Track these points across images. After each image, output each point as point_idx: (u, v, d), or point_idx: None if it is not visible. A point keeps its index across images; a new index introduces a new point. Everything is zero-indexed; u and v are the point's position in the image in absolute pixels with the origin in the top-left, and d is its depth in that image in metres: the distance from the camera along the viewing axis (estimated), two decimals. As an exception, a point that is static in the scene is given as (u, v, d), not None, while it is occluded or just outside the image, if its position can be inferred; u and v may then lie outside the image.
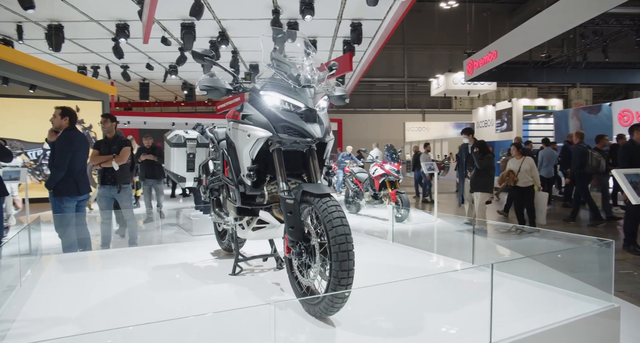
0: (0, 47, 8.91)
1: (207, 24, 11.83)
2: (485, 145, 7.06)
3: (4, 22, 10.99)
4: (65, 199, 4.22)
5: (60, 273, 3.43)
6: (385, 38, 12.86)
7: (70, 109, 4.40)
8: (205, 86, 2.62)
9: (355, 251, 2.16)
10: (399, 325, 2.29)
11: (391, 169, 7.90)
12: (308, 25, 11.82)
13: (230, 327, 1.82)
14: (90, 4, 10.13)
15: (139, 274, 3.26)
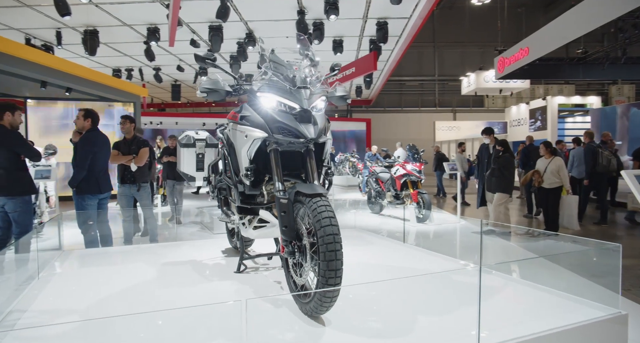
0: (39, 53, 9.37)
1: (235, 26, 12.05)
2: (507, 144, 6.85)
3: (45, 28, 11.57)
4: (87, 197, 4.42)
5: (77, 267, 3.60)
6: (412, 36, 12.72)
7: (93, 111, 4.60)
8: (205, 88, 2.68)
9: (343, 251, 2.17)
10: (388, 325, 2.28)
11: (413, 169, 7.81)
12: (334, 25, 11.84)
13: (206, 321, 1.87)
14: (123, 8, 10.50)
15: (149, 270, 3.38)
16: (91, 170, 4.40)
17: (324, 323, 2.25)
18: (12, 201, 4.11)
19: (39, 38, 12.26)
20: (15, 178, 4.16)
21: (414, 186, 7.82)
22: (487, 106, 24.77)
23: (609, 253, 2.51)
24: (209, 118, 20.74)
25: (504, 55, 14.71)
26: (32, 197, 5.44)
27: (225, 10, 10.06)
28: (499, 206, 6.62)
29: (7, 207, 4.12)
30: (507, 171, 6.66)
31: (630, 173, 2.93)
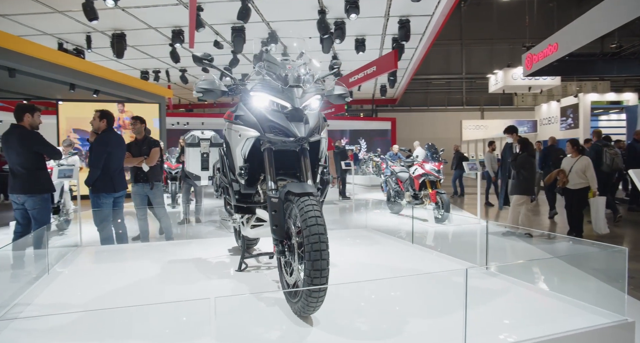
0: (68, 57, 9.73)
1: (257, 27, 12.16)
2: (527, 143, 6.62)
3: (76, 33, 12.01)
4: (102, 196, 4.55)
5: (87, 264, 3.71)
6: (435, 34, 12.52)
7: (108, 112, 4.74)
8: (201, 88, 2.72)
9: (330, 251, 2.15)
10: (374, 327, 2.25)
11: (432, 168, 7.68)
12: (355, 24, 11.79)
13: (180, 318, 1.89)
14: (148, 12, 10.77)
15: (155, 267, 3.45)
16: (106, 170, 4.54)
17: (312, 323, 2.24)
18: (31, 199, 4.29)
19: (71, 42, 12.73)
20: (35, 177, 4.34)
21: (433, 186, 7.70)
22: (516, 104, 24.11)
23: (614, 257, 2.39)
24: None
25: (532, 51, 14.28)
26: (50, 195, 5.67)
27: (246, 11, 10.17)
28: (517, 206, 6.42)
29: (27, 204, 4.29)
30: (526, 172, 6.44)
31: (639, 172, 2.78)
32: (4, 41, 7.35)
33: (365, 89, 20.07)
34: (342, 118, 22.91)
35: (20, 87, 9.61)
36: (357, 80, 11.89)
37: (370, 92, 21.18)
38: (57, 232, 6.65)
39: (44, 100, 11.38)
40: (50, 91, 10.37)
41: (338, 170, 12.04)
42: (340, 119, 22.35)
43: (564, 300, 2.58)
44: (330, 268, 3.23)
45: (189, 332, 2.09)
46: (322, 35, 11.50)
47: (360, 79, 11.87)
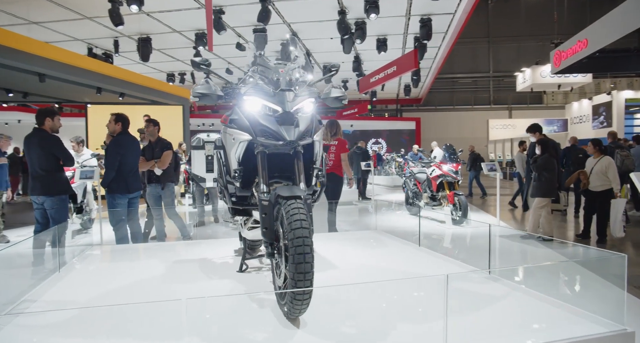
0: (94, 62, 10.08)
1: (278, 28, 12.27)
2: (546, 143, 6.40)
3: (104, 38, 12.43)
4: (117, 196, 4.71)
5: (98, 262, 3.85)
6: (457, 32, 12.32)
7: (123, 116, 4.89)
8: (198, 93, 2.77)
9: (313, 254, 2.16)
10: (362, 330, 2.25)
11: (449, 169, 7.57)
12: (377, 24, 11.73)
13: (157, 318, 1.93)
14: (171, 16, 11.03)
15: (161, 267, 3.54)
16: (120, 171, 4.69)
17: (299, 325, 2.26)
18: (50, 199, 4.47)
19: (100, 47, 13.18)
20: (54, 179, 4.53)
21: (451, 187, 7.58)
22: (546, 103, 23.40)
23: (615, 263, 2.30)
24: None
25: (560, 48, 13.84)
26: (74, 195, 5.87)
27: (266, 13, 10.26)
28: (538, 209, 6.23)
29: (46, 204, 4.48)
30: (547, 173, 6.24)
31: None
32: (34, 48, 7.69)
33: (389, 88, 19.93)
34: (366, 118, 22.82)
35: (50, 91, 10.04)
36: (378, 80, 11.82)
37: (395, 91, 21.01)
38: (82, 231, 6.90)
39: (74, 103, 11.82)
40: (78, 94, 10.78)
41: (358, 171, 12.00)
42: (364, 119, 22.27)
43: (564, 307, 2.51)
44: (328, 270, 3.25)
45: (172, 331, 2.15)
46: (343, 35, 11.50)
47: (380, 79, 11.80)
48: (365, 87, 12.96)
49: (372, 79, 12.24)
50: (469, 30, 21.99)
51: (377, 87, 18.83)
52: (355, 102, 21.26)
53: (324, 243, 4.26)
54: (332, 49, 13.64)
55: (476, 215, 8.63)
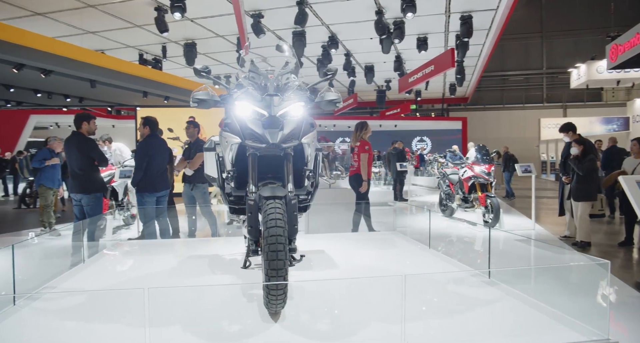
0: (140, 67, 10.70)
1: (317, 30, 12.43)
2: (589, 144, 6.06)
3: (153, 44, 13.16)
4: (145, 195, 5.03)
5: (121, 255, 4.15)
6: (501, 28, 11.90)
7: (151, 119, 5.21)
8: (196, 99, 2.95)
9: (286, 251, 2.25)
10: (336, 326, 2.31)
11: (481, 170, 7.36)
12: (417, 23, 11.61)
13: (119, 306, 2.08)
14: (215, 21, 11.50)
15: (174, 261, 3.78)
16: (148, 172, 5.00)
17: (277, 319, 2.36)
18: (87, 197, 4.86)
19: (150, 53, 13.94)
20: (90, 178, 4.92)
21: (483, 189, 7.37)
22: (605, 100, 21.95)
23: (597, 270, 2.22)
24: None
25: (617, 42, 13.01)
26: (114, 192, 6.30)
27: (303, 16, 10.43)
28: (586, 216, 5.85)
29: (83, 201, 4.88)
30: (594, 175, 5.90)
31: (631, 179, 2.50)
32: (86, 56, 8.31)
33: (434, 88, 19.55)
34: (410, 118, 22.50)
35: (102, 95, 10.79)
36: (416, 79, 11.67)
37: (440, 91, 20.58)
38: (123, 226, 7.37)
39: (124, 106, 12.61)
40: (128, 98, 11.52)
41: (394, 172, 11.91)
42: (408, 118, 21.97)
43: (551, 313, 2.43)
44: (328, 269, 3.33)
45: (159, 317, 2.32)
46: (380, 35, 11.46)
47: (419, 79, 11.64)
48: (405, 87, 12.83)
49: (411, 78, 12.10)
50: (520, 26, 21.10)
51: (422, 86, 18.55)
52: (398, 102, 21.03)
53: (334, 243, 4.34)
54: (372, 49, 13.62)
55: (513, 218, 8.34)
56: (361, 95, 21.43)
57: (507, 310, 2.55)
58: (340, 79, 17.85)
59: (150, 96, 11.30)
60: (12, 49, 6.60)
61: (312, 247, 4.16)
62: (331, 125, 21.17)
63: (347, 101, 17.69)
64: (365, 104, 23.61)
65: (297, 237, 2.60)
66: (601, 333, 2.14)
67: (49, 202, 7.00)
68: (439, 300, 2.71)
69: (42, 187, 6.92)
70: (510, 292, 2.77)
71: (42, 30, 11.48)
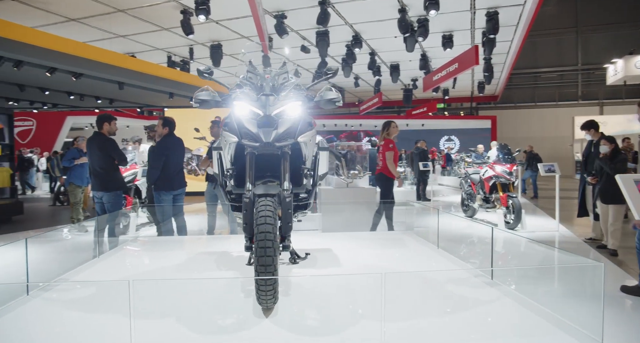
0: (166, 69, 11.02)
1: (341, 30, 12.44)
2: (616, 141, 5.79)
3: (181, 47, 13.50)
4: (162, 193, 5.18)
5: (135, 251, 4.30)
6: (529, 23, 11.57)
7: (169, 119, 5.36)
8: (198, 99, 3.03)
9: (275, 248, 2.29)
10: (325, 324, 2.34)
11: (503, 170, 7.19)
12: (441, 20, 11.45)
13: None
14: (239, 23, 11.68)
15: (185, 257, 3.90)
16: (165, 170, 5.15)
17: (269, 314, 2.41)
18: (107, 194, 5.06)
19: (178, 55, 14.32)
20: (111, 177, 5.11)
21: (505, 189, 7.20)
22: (645, 96, 20.93)
23: (591, 273, 2.15)
24: (327, 119, 21.56)
25: (655, 35, 12.46)
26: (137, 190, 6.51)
27: (325, 16, 10.46)
28: (619, 220, 5.54)
29: (104, 198, 5.08)
30: None
31: (628, 178, 2.39)
32: (113, 59, 8.64)
33: (462, 86, 19.19)
34: (438, 117, 22.16)
35: (130, 97, 11.17)
36: (440, 78, 11.50)
37: (468, 89, 20.17)
38: (148, 223, 7.61)
39: (152, 107, 13.00)
40: (155, 99, 11.88)
41: (416, 172, 11.79)
42: (435, 118, 21.65)
43: (547, 316, 2.38)
44: (329, 267, 3.36)
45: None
46: (403, 33, 11.35)
47: (443, 77, 11.47)
48: (429, 86, 12.66)
49: (435, 77, 11.93)
50: (554, 21, 20.40)
51: (449, 84, 18.24)
52: (426, 101, 20.75)
53: (344, 242, 4.36)
54: (397, 47, 13.51)
55: (537, 219, 8.11)
56: (388, 94, 21.27)
57: (501, 312, 2.51)
58: (366, 78, 17.78)
59: (176, 97, 11.59)
60: (45, 54, 6.94)
61: (320, 246, 4.20)
62: (357, 124, 21.11)
63: (372, 100, 17.60)
64: (393, 103, 23.41)
65: (311, 235, 2.63)
66: (595, 338, 2.09)
67: (78, 200, 7.31)
68: (434, 300, 2.69)
69: (72, 185, 7.24)
70: (510, 293, 2.72)
71: (76, 36, 12.00)
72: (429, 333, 2.23)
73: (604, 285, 2.01)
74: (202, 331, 2.23)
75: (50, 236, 5.04)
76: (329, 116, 23.48)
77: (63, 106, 12.23)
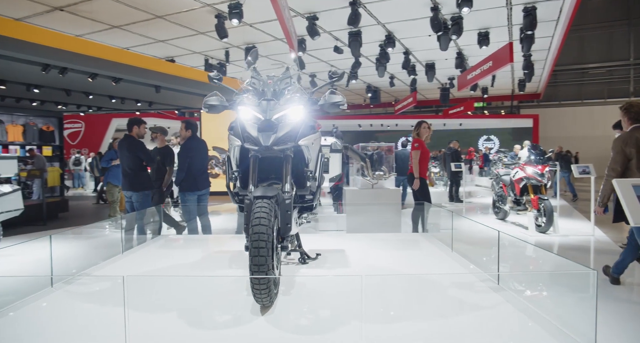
0: (198, 72, 11.36)
1: (373, 29, 12.40)
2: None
3: (217, 50, 13.92)
4: (187, 193, 5.40)
5: (159, 248, 4.49)
6: (570, 17, 11.09)
7: (192, 122, 5.59)
8: (207, 104, 3.16)
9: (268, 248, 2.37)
10: (317, 325, 2.38)
11: (534, 172, 6.95)
12: (476, 17, 11.22)
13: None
14: (272, 25, 11.88)
15: (201, 255, 4.05)
16: (189, 172, 5.36)
17: (265, 312, 2.49)
18: (136, 194, 5.33)
19: (215, 58, 14.75)
20: (139, 177, 5.39)
21: (536, 191, 6.96)
22: None
23: (585, 279, 2.08)
24: (362, 119, 21.50)
25: None
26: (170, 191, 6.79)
27: (356, 16, 10.47)
28: None
29: (133, 198, 5.36)
30: None
31: (626, 183, 2.26)
32: (149, 64, 9.02)
33: (502, 84, 18.62)
34: (476, 116, 21.59)
35: (167, 99, 11.60)
36: (474, 77, 11.23)
37: (509, 87, 19.54)
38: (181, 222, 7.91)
39: (189, 109, 13.45)
40: (192, 101, 12.25)
41: (448, 173, 11.58)
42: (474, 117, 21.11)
43: (544, 322, 2.32)
44: (335, 268, 3.40)
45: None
46: (436, 32, 11.17)
47: (477, 76, 11.19)
48: (464, 85, 12.38)
49: (469, 75, 11.66)
50: (602, 13, 19.41)
51: (487, 83, 17.74)
52: (463, 100, 20.27)
53: (360, 243, 4.40)
54: (432, 46, 13.31)
55: (572, 222, 7.78)
56: (425, 93, 20.96)
57: (497, 318, 2.47)
58: (401, 77, 17.61)
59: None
60: (86, 61, 7.36)
61: (335, 246, 4.25)
62: (393, 124, 20.93)
63: (406, 100, 17.40)
64: (430, 102, 23.04)
65: (335, 234, 2.67)
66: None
67: (115, 198, 7.72)
68: (430, 303, 2.68)
69: (109, 184, 7.65)
70: (512, 299, 2.67)
71: (120, 42, 12.65)
72: (414, 336, 2.23)
73: (597, 292, 1.95)
74: (195, 325, 2.35)
75: (82, 232, 5.37)
76: (365, 116, 23.42)
77: (107, 109, 12.88)
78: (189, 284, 2.99)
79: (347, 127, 21.05)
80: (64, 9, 10.11)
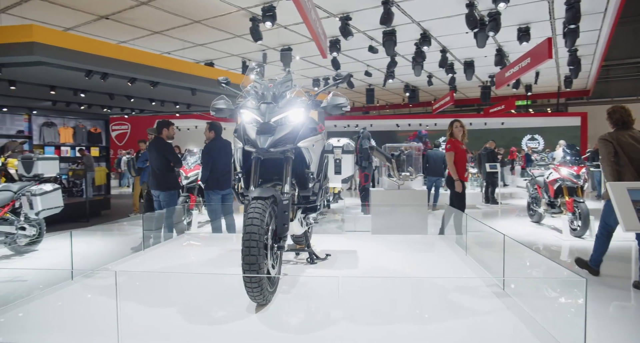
0: (231, 74, 11.65)
1: (408, 28, 12.25)
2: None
3: (254, 52, 14.21)
4: (211, 193, 5.59)
5: (181, 246, 4.69)
6: (618, 8, 10.47)
7: (215, 124, 5.77)
8: (215, 108, 3.27)
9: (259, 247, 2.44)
10: (307, 325, 2.42)
11: (569, 173, 6.64)
12: (515, 13, 10.85)
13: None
14: (305, 27, 11.98)
15: (217, 253, 4.18)
16: (213, 172, 5.55)
17: (258, 310, 2.56)
18: (163, 193, 5.58)
19: (252, 60, 15.06)
20: (166, 177, 5.63)
21: (571, 193, 6.65)
22: None
23: (574, 287, 2.00)
24: (400, 119, 21.24)
25: None
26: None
27: (389, 15, 10.38)
28: None
29: (160, 197, 5.61)
30: None
31: (621, 186, 2.11)
32: (186, 68, 9.37)
33: (547, 81, 17.82)
34: (521, 114, 20.77)
35: (203, 101, 11.99)
36: (513, 74, 10.85)
37: (554, 84, 18.68)
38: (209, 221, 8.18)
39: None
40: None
41: (484, 173, 11.24)
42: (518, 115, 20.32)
43: (538, 330, 2.25)
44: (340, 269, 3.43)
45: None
46: (472, 29, 10.88)
47: (515, 73, 10.80)
48: (502, 82, 11.97)
49: (507, 73, 11.27)
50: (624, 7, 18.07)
51: (531, 80, 17.03)
52: (504, 98, 19.56)
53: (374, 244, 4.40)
54: (469, 43, 12.97)
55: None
56: (465, 91, 20.43)
57: (497, 324, 2.42)
58: (440, 76, 17.27)
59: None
60: (127, 67, 7.75)
61: (350, 247, 4.26)
62: (432, 124, 20.54)
63: (444, 99, 17.03)
64: (471, 101, 22.42)
65: (358, 235, 2.69)
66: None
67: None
68: (428, 307, 2.66)
69: (145, 184, 8.02)
70: (513, 305, 2.60)
71: (160, 47, 13.19)
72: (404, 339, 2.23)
73: (586, 300, 1.87)
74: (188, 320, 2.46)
75: (111, 229, 5.68)
76: (403, 116, 23.14)
77: (148, 111, 13.47)
78: (194, 281, 3.12)
79: (384, 127, 20.88)
80: (109, 18, 10.68)
